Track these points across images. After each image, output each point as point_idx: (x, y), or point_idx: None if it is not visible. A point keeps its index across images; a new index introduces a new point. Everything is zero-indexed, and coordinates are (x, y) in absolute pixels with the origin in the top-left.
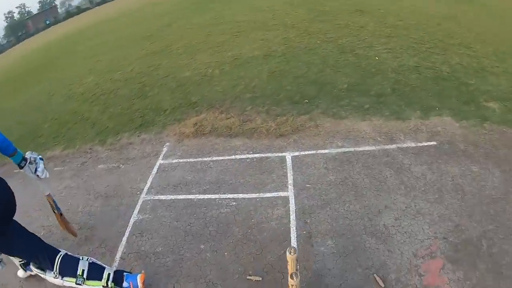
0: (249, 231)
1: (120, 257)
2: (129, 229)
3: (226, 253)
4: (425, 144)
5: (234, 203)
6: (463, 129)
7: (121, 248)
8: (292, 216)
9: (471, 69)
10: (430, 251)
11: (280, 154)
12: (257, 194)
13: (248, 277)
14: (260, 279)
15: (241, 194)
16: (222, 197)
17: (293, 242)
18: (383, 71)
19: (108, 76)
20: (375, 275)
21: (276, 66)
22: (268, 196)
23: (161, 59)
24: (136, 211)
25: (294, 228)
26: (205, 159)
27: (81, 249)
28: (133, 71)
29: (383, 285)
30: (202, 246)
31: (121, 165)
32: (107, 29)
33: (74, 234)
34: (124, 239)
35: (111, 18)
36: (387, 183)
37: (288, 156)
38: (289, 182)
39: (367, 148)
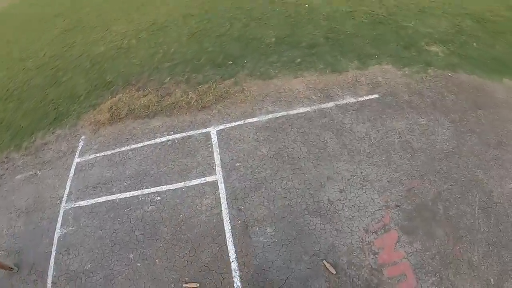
0: (178, 229)
1: (51, 282)
2: (55, 247)
3: (157, 260)
4: (366, 98)
5: (158, 198)
6: (405, 77)
7: (50, 272)
8: (224, 205)
9: (410, 11)
10: (383, 223)
11: (204, 130)
12: (182, 183)
13: (184, 285)
14: (198, 285)
15: (165, 186)
16: (145, 193)
17: (228, 236)
18: (315, 19)
19: (20, 66)
20: (324, 261)
21: (196, 26)
22: (194, 183)
23: (75, 36)
24: (58, 225)
25: (227, 218)
26: (123, 148)
27: (13, 279)
28: (46, 56)
29: (334, 272)
30: (131, 256)
31: (38, 172)
32: (18, 12)
33: (7, 268)
34: (52, 260)
35: None
36: (327, 149)
37: (213, 131)
38: (216, 163)
39: (301, 109)
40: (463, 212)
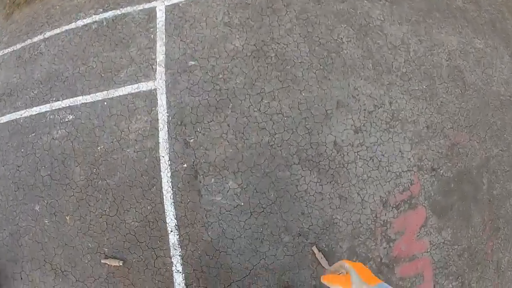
0: (94, 170)
1: None
2: None
3: (67, 217)
4: None
5: (70, 117)
6: None
7: None
8: (163, 133)
9: None
10: (409, 194)
11: (147, 6)
12: (105, 92)
13: (103, 261)
14: (121, 263)
15: (80, 97)
16: (54, 109)
17: (166, 189)
18: None
19: None
20: (314, 248)
21: None
22: (121, 94)
23: None
24: None
25: (167, 158)
26: (36, 39)
27: None
28: None
29: (327, 267)
30: (37, 208)
31: None
32: None
33: None
34: None
35: None
36: (341, 54)
37: (161, 6)
38: (158, 60)
39: None
40: (508, 193)
